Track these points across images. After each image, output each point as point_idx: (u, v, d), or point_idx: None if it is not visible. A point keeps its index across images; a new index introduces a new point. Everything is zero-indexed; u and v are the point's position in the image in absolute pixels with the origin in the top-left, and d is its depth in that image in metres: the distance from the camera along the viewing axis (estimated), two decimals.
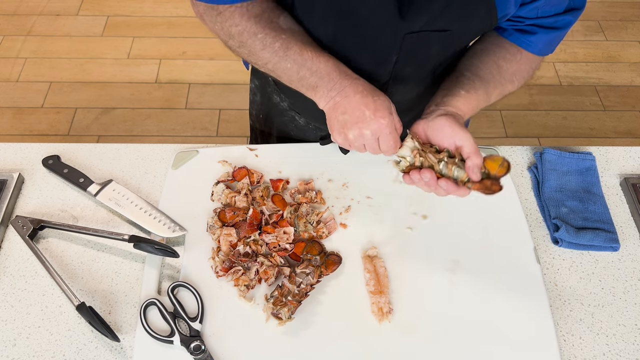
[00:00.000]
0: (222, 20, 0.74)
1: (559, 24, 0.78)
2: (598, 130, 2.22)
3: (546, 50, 0.83)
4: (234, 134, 2.16)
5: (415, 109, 0.99)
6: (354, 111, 0.71)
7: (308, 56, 0.73)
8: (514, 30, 0.81)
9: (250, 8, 0.73)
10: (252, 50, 0.75)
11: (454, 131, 0.70)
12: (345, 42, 0.78)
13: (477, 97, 0.78)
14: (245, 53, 0.77)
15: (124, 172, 0.96)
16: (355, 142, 0.73)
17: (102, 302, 0.80)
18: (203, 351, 0.74)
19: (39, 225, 0.86)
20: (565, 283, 0.84)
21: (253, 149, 0.99)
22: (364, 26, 0.74)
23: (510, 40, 0.82)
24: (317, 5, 0.73)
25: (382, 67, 0.82)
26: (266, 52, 0.74)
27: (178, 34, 2.54)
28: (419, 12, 0.70)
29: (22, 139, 2.11)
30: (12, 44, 2.47)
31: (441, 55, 0.83)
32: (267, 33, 0.73)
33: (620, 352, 0.77)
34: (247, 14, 0.73)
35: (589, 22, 2.67)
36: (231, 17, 0.73)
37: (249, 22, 0.73)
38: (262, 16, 0.74)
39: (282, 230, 0.85)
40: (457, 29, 0.75)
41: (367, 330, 0.77)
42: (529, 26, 0.79)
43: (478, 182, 0.69)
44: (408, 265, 0.84)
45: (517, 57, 0.82)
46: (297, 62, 0.73)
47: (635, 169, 1.00)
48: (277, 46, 0.73)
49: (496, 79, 0.81)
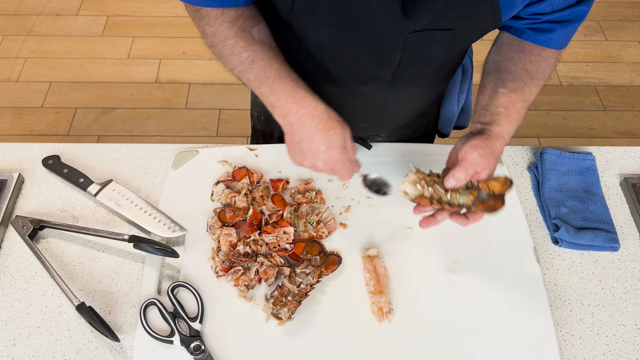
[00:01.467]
0: (199, 17, 0.75)
1: (573, 16, 0.78)
2: (598, 130, 2.22)
3: (565, 44, 0.83)
4: (234, 134, 2.16)
5: (418, 108, 0.99)
6: (309, 144, 0.74)
7: (270, 74, 0.74)
8: (531, 31, 0.81)
9: (225, 11, 0.73)
10: (221, 53, 0.76)
11: (471, 148, 0.73)
12: (349, 43, 0.78)
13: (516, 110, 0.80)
14: (215, 53, 0.78)
15: (124, 172, 0.96)
16: (311, 168, 0.77)
17: (102, 302, 0.80)
18: (203, 351, 0.74)
19: (39, 225, 0.86)
20: (565, 283, 0.84)
21: (253, 149, 0.99)
22: (367, 27, 0.74)
23: (530, 41, 0.82)
24: (319, 8, 0.73)
25: (385, 67, 0.82)
26: (233, 59, 0.75)
27: (178, 34, 2.54)
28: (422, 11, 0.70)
29: (22, 139, 2.11)
30: (12, 44, 2.47)
31: (444, 54, 0.83)
32: (237, 41, 0.74)
33: (620, 352, 0.77)
34: (221, 17, 0.74)
35: (589, 22, 2.67)
36: (207, 17, 0.74)
37: (222, 26, 0.74)
38: (235, 22, 0.74)
39: (282, 230, 0.85)
40: (460, 27, 0.75)
41: (367, 330, 0.77)
42: (545, 23, 0.79)
43: (481, 203, 0.71)
44: (408, 265, 0.84)
45: (543, 56, 0.82)
46: (259, 78, 0.75)
47: (635, 169, 1.00)
48: (244, 56, 0.74)
49: (529, 84, 0.82)
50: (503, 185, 0.71)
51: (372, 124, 0.99)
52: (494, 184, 0.71)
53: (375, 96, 0.90)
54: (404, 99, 0.92)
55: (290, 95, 0.74)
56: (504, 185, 0.71)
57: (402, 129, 1.04)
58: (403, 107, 0.96)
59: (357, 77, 0.86)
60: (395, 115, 0.98)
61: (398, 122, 1.01)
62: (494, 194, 0.71)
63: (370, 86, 0.87)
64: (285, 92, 0.74)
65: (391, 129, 1.03)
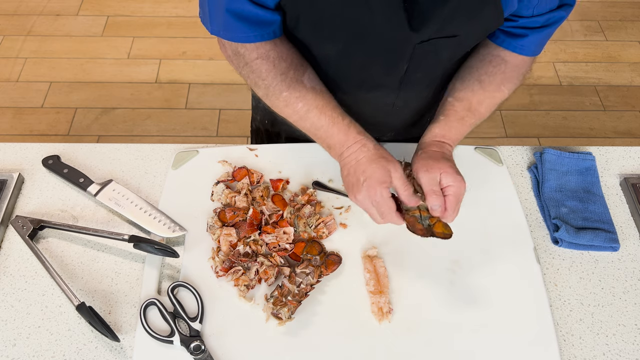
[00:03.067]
0: (248, 71, 0.78)
1: (551, 21, 0.78)
2: (598, 130, 2.22)
3: (538, 50, 0.83)
4: (234, 134, 2.16)
5: (424, 108, 0.99)
6: (353, 176, 0.77)
7: (325, 122, 0.78)
8: (505, 35, 0.81)
9: (277, 63, 0.76)
10: (275, 105, 0.80)
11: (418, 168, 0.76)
12: (355, 55, 0.79)
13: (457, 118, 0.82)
14: (268, 104, 0.82)
15: (124, 172, 0.96)
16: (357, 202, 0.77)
17: (102, 302, 0.80)
18: (203, 351, 0.74)
19: (39, 225, 0.86)
20: (565, 283, 0.84)
21: (253, 149, 0.99)
22: (373, 40, 0.74)
23: (503, 46, 0.82)
24: (325, 23, 0.73)
25: (392, 75, 0.82)
26: (288, 109, 0.79)
27: (178, 34, 2.54)
28: (428, 22, 0.70)
29: (22, 139, 2.11)
30: (12, 44, 2.47)
31: (450, 58, 0.84)
32: (292, 93, 0.77)
33: (620, 352, 0.77)
34: (273, 71, 0.76)
35: (589, 22, 2.67)
36: (258, 70, 0.76)
37: (275, 80, 0.77)
38: (287, 74, 0.77)
39: (282, 230, 0.85)
40: (465, 32, 0.75)
41: (367, 330, 0.77)
42: (519, 29, 0.79)
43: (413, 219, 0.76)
44: (408, 265, 0.84)
45: (502, 68, 0.82)
46: (315, 125, 0.79)
47: (635, 169, 1.00)
48: (299, 107, 0.78)
49: (478, 94, 0.82)
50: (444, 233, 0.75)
51: (379, 126, 0.99)
52: (440, 226, 0.75)
53: (381, 101, 0.90)
54: (410, 101, 0.92)
55: (345, 135, 0.78)
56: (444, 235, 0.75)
57: (408, 128, 1.05)
58: (409, 109, 0.96)
59: (363, 86, 0.86)
60: (402, 116, 0.99)
61: (404, 122, 1.02)
62: (430, 227, 0.75)
63: (376, 93, 0.88)
64: (340, 134, 0.78)
65: (397, 129, 1.03)
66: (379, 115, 0.95)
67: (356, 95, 0.88)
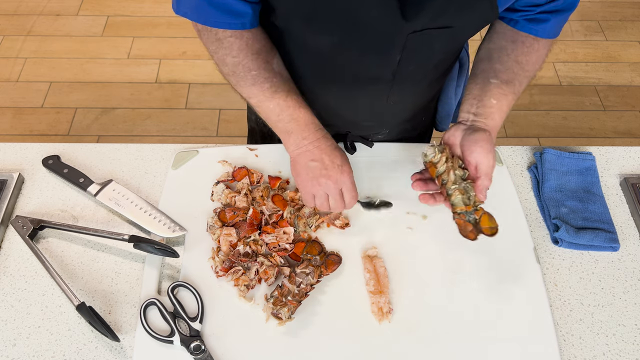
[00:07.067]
0: (219, 47, 0.78)
1: (566, 4, 0.79)
2: (598, 130, 2.22)
3: (557, 33, 0.84)
4: (234, 134, 2.16)
5: (418, 104, 0.99)
6: (324, 160, 0.80)
7: (291, 104, 0.81)
8: (525, 21, 0.81)
9: (250, 43, 0.77)
10: (242, 82, 0.81)
11: (483, 150, 0.76)
12: (348, 47, 0.78)
13: (507, 102, 0.83)
14: (232, 82, 0.82)
15: (124, 172, 0.96)
16: (321, 189, 0.80)
17: (102, 302, 0.80)
18: (203, 351, 0.74)
19: (39, 225, 0.86)
20: (565, 283, 0.84)
21: (253, 149, 0.99)
22: (366, 31, 0.74)
23: (524, 32, 0.82)
24: (318, 16, 0.73)
25: (385, 67, 0.82)
26: (255, 88, 0.80)
27: (178, 34, 2.54)
28: (421, 12, 0.70)
29: (22, 139, 2.11)
30: (12, 44, 2.47)
31: (444, 50, 0.84)
32: (261, 72, 0.79)
33: (620, 352, 0.77)
34: (246, 49, 0.78)
35: (589, 22, 2.67)
36: (229, 47, 0.77)
37: (247, 58, 0.78)
38: (259, 54, 0.79)
39: (282, 230, 0.85)
40: (459, 24, 0.75)
41: (367, 330, 0.77)
42: (540, 14, 0.80)
43: (462, 220, 0.75)
44: (408, 265, 0.84)
45: (535, 47, 0.83)
46: (280, 106, 0.81)
47: (635, 169, 1.00)
48: (266, 87, 0.80)
49: (520, 75, 0.83)
50: (490, 228, 0.75)
51: (373, 122, 0.99)
52: (486, 219, 0.75)
53: (375, 95, 0.90)
54: (405, 96, 0.92)
55: (311, 121, 0.82)
56: (491, 229, 0.75)
57: (403, 125, 1.04)
58: (404, 104, 0.96)
59: (357, 79, 0.86)
60: (396, 112, 0.98)
61: (399, 118, 1.01)
62: (477, 224, 0.75)
63: (370, 86, 0.87)
64: (306, 118, 0.81)
65: (392, 125, 1.03)
66: (373, 111, 0.95)
67: (350, 89, 0.88)
